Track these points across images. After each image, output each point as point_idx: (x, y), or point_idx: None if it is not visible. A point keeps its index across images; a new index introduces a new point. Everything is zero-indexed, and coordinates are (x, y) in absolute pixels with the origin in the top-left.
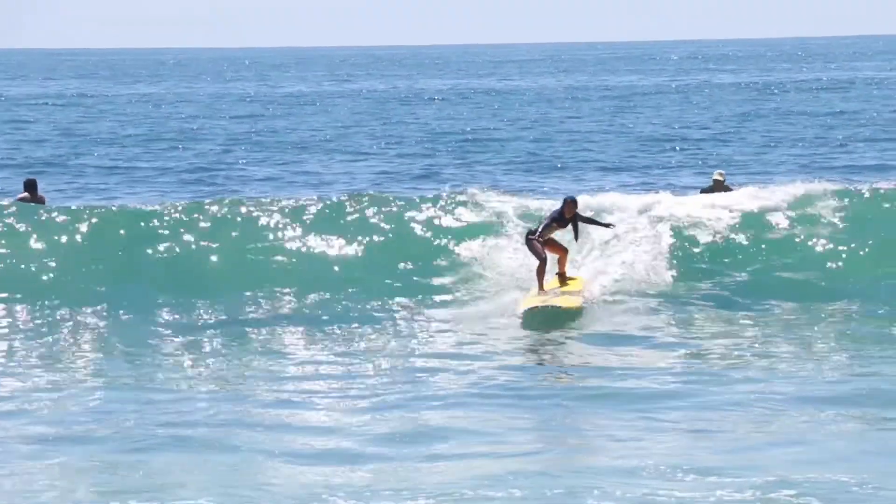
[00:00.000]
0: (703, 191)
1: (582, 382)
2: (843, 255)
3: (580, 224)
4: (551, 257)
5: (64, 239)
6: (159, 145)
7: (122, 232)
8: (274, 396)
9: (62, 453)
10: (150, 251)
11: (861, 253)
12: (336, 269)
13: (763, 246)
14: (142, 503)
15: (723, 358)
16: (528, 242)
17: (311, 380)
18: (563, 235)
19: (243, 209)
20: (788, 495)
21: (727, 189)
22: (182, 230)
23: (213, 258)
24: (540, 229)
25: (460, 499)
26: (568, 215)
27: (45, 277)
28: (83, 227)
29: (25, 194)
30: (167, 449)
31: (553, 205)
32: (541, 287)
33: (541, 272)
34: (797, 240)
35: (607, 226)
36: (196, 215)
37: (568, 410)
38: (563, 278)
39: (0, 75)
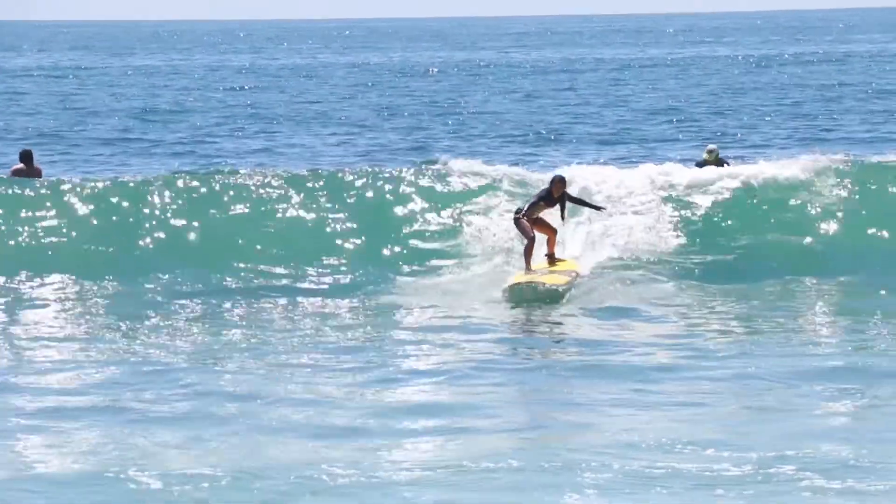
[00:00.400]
0: (697, 164)
1: (575, 357)
2: (841, 229)
3: (568, 204)
4: (540, 237)
5: (55, 213)
6: (153, 117)
7: (119, 204)
8: (264, 370)
9: (59, 426)
10: (145, 224)
11: (859, 227)
12: (324, 242)
13: (758, 220)
14: (140, 473)
15: (719, 333)
16: (516, 222)
17: (301, 353)
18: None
19: (235, 180)
20: (788, 470)
21: (721, 163)
22: (176, 202)
23: (199, 231)
24: (526, 208)
25: (459, 471)
26: (556, 194)
27: (37, 251)
28: (75, 201)
29: (21, 165)
30: (162, 422)
31: (546, 178)
32: (528, 267)
33: (528, 252)
34: (794, 213)
35: (597, 208)
36: (182, 186)
37: (562, 384)
38: (552, 259)
39: None
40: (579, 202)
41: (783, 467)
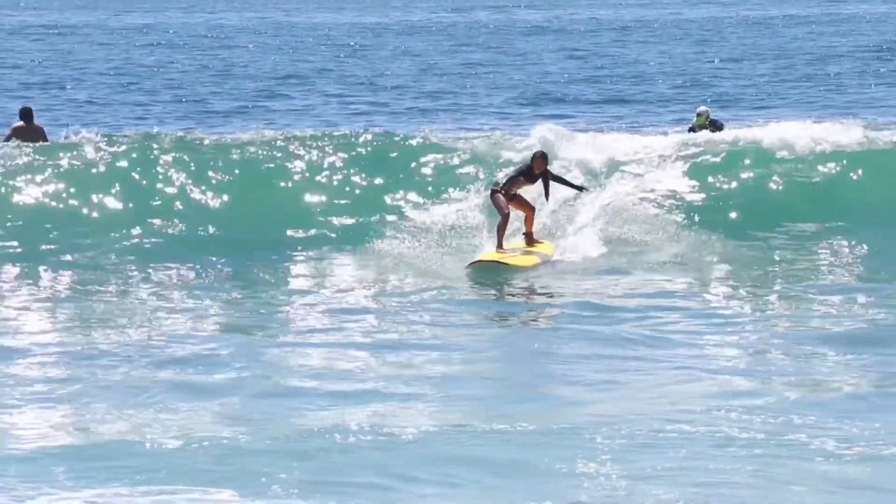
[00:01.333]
0: (690, 129)
1: (576, 325)
2: (847, 196)
3: (551, 183)
4: (516, 215)
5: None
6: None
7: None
8: (269, 337)
9: (66, 396)
10: (137, 188)
11: (863, 191)
12: (311, 209)
13: (762, 186)
14: (151, 440)
15: (723, 297)
16: (492, 195)
17: (296, 327)
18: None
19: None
20: (801, 437)
21: (716, 126)
22: (158, 164)
23: (178, 194)
24: (504, 182)
25: (472, 433)
26: (537, 171)
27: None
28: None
29: (21, 123)
30: (171, 390)
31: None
32: (500, 245)
33: (501, 228)
34: (796, 178)
35: (580, 188)
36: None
37: (563, 351)
38: (529, 239)
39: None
40: (561, 181)
41: (799, 436)
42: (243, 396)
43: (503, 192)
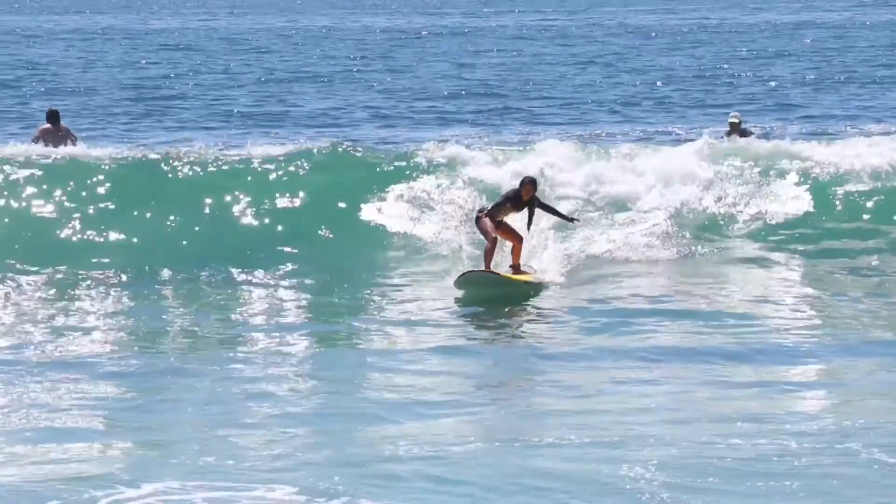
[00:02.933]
0: (725, 135)
1: (580, 336)
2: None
3: (537, 211)
4: (502, 243)
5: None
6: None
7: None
8: (340, 347)
9: (68, 378)
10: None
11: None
12: (292, 223)
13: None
14: (216, 437)
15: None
16: (477, 220)
17: (286, 341)
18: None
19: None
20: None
21: (745, 133)
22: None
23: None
24: (490, 207)
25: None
26: (525, 197)
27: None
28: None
29: (48, 126)
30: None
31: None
32: (487, 268)
33: (489, 253)
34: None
35: (568, 219)
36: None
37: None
38: (517, 271)
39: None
40: (550, 210)
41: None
42: (307, 402)
43: (489, 217)
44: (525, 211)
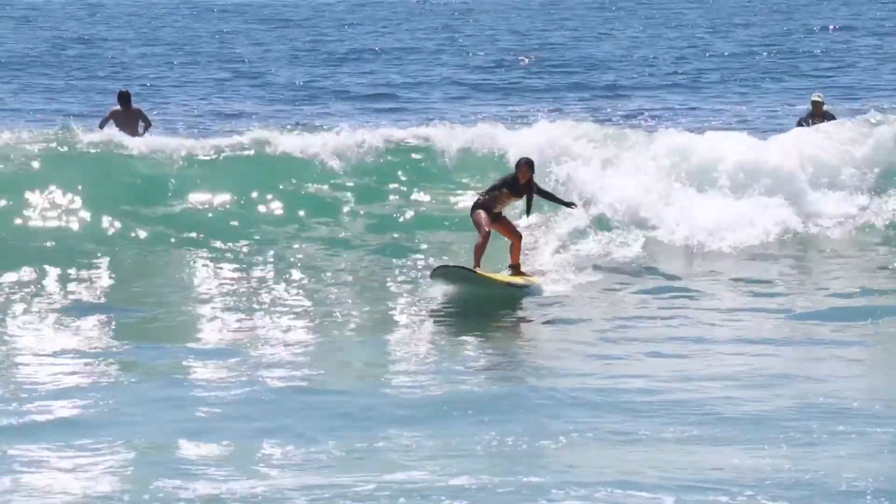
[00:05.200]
0: (801, 119)
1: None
2: None
3: (535, 196)
4: (502, 240)
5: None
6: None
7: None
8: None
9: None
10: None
11: None
12: (298, 213)
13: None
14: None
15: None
16: (473, 211)
17: (290, 340)
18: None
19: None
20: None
21: (828, 115)
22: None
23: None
24: (485, 191)
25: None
26: (522, 180)
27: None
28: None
29: (117, 107)
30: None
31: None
32: (476, 265)
33: (479, 248)
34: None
35: (568, 205)
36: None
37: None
38: (516, 271)
39: None
40: (548, 196)
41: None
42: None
43: (484, 207)
44: (524, 200)
